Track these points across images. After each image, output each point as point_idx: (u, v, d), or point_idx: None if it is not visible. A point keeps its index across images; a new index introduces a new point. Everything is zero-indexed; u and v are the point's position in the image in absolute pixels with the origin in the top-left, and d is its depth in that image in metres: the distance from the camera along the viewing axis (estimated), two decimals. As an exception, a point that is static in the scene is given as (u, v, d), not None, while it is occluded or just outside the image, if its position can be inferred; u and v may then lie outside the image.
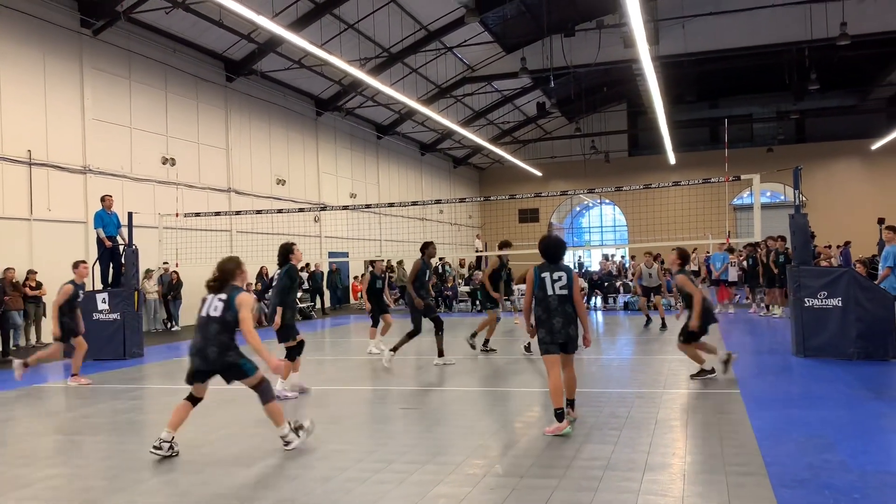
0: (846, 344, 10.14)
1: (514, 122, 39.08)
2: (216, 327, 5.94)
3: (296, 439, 6.09)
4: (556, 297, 6.61)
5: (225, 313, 5.95)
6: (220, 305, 5.99)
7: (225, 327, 5.94)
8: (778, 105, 39.10)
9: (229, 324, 5.95)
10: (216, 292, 6.07)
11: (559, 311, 6.60)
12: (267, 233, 22.11)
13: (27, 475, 5.66)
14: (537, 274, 6.72)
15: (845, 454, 5.49)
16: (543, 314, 6.62)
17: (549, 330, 6.59)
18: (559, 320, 6.56)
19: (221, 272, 6.17)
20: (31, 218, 16.16)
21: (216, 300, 6.04)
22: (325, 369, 11.54)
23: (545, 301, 6.62)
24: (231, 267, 6.19)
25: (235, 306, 5.93)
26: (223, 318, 5.95)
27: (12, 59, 15.89)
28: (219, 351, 5.90)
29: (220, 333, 5.92)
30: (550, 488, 4.91)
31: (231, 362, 5.94)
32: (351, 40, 23.47)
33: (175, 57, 20.32)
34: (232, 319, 5.93)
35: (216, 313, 5.97)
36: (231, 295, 6.01)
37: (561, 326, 6.56)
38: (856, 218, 36.13)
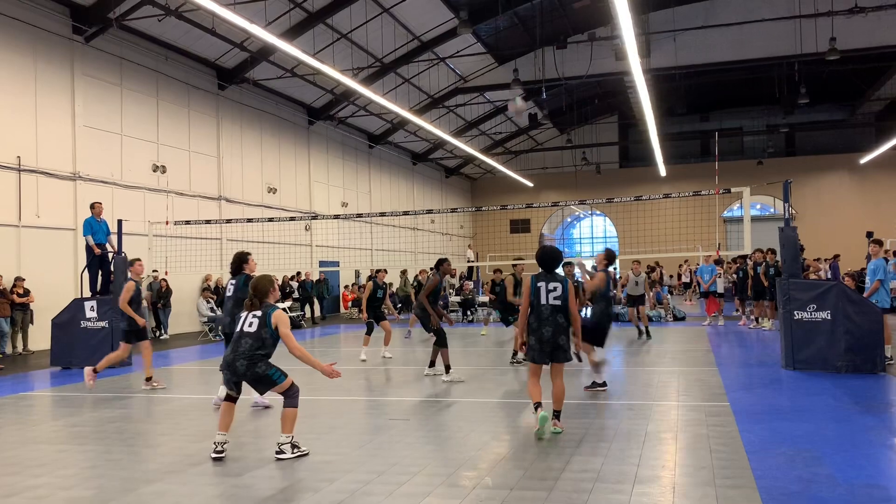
0: (835, 357, 10.19)
1: (506, 133, 39.22)
2: (249, 342, 6.15)
3: (289, 453, 6.13)
4: (548, 306, 6.81)
5: (260, 330, 6.18)
6: (256, 322, 6.22)
7: (258, 342, 6.15)
8: (768, 118, 39.44)
9: (263, 340, 6.17)
10: (251, 310, 6.29)
11: (550, 320, 6.79)
12: (258, 241, 22.08)
13: (13, 484, 5.60)
14: (533, 283, 6.92)
15: (834, 468, 5.51)
16: (535, 322, 6.83)
17: (539, 339, 6.80)
18: (548, 330, 6.77)
19: (256, 290, 6.36)
20: (20, 224, 16.07)
21: (251, 317, 6.27)
22: (314, 379, 11.48)
23: (538, 310, 6.83)
24: (265, 285, 6.39)
25: (272, 323, 6.17)
26: (258, 335, 6.17)
27: (3, 64, 15.84)
28: (247, 364, 6.11)
29: (252, 349, 6.13)
30: (540, 500, 4.90)
31: (260, 373, 6.14)
32: (344, 50, 23.54)
33: (167, 64, 20.31)
34: (268, 336, 6.17)
35: (251, 329, 6.20)
36: (267, 312, 6.23)
37: (550, 336, 6.76)
38: (844, 231, 36.42)
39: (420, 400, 9.08)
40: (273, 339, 6.22)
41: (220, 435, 6.28)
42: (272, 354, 6.27)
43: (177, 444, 6.84)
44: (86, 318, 13.02)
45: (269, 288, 6.43)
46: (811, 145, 40.79)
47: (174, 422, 8.02)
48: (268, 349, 6.22)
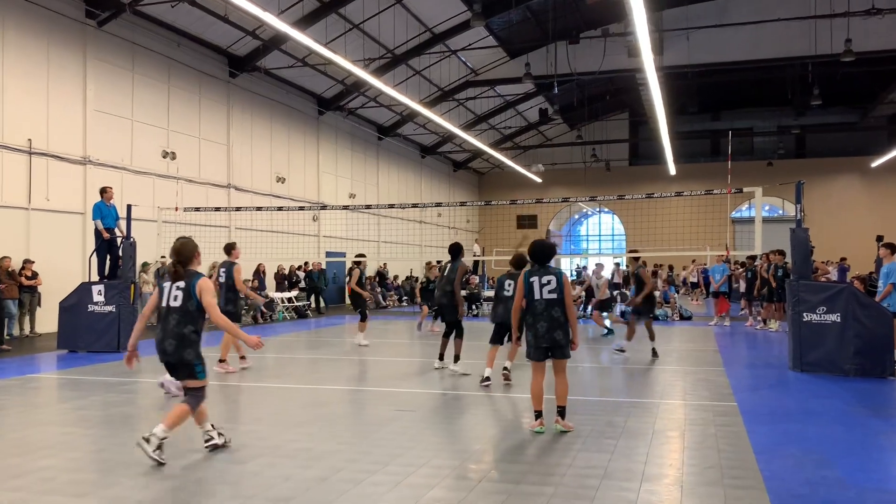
0: (843, 360, 10.13)
1: (516, 128, 39.11)
2: (176, 318, 5.61)
3: (153, 447, 5.49)
4: (542, 301, 6.65)
5: (186, 303, 5.62)
6: (180, 294, 5.64)
7: (185, 318, 5.61)
8: (779, 119, 39.23)
9: (190, 314, 5.61)
10: (174, 279, 5.68)
11: (545, 315, 6.63)
12: (266, 230, 22.09)
13: (20, 465, 5.61)
14: (526, 278, 6.76)
15: (843, 471, 5.47)
16: (529, 318, 6.70)
17: (534, 335, 6.66)
18: (543, 325, 6.61)
19: (180, 255, 5.75)
20: (29, 207, 16.10)
21: (175, 289, 5.66)
22: (320, 368, 11.50)
23: (532, 305, 6.69)
24: (189, 250, 5.79)
25: (196, 293, 5.60)
26: (184, 308, 5.62)
27: (17, 48, 15.84)
28: (176, 344, 5.59)
29: (179, 325, 5.60)
30: (546, 496, 4.87)
31: (187, 360, 5.63)
32: (355, 40, 23.48)
33: (179, 51, 20.29)
34: (194, 309, 5.61)
35: (176, 303, 5.63)
36: (191, 282, 5.64)
37: (545, 331, 6.59)
38: (853, 235, 36.24)
39: (426, 392, 9.07)
40: (200, 310, 5.64)
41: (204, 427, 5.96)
42: (202, 332, 5.75)
43: (183, 431, 6.83)
44: (93, 301, 13.05)
45: (194, 253, 5.83)
46: (822, 147, 40.55)
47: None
48: (197, 325, 5.66)
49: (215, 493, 4.94)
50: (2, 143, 15.50)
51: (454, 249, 10.88)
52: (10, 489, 5.04)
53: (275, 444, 6.27)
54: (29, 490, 5.02)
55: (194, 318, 5.63)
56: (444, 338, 10.91)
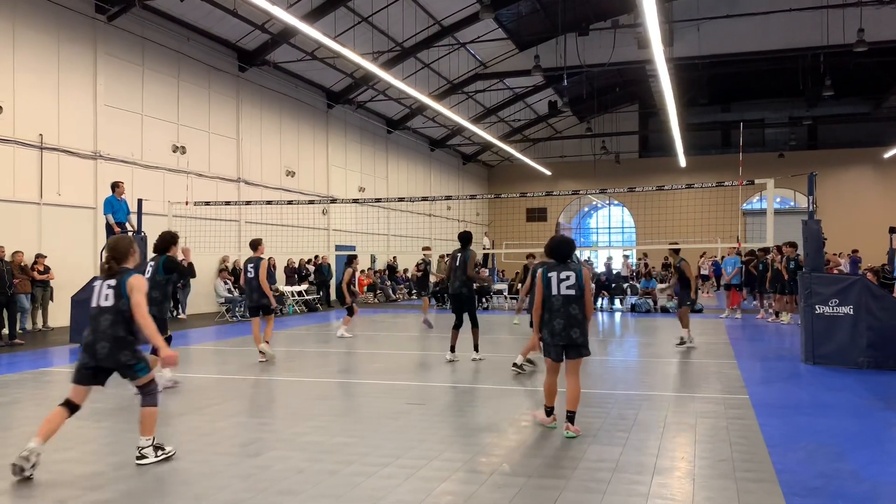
0: (856, 352, 10.07)
1: (525, 120, 39.01)
2: (109, 319, 5.29)
3: (152, 456, 5.43)
4: (560, 297, 6.40)
5: (118, 302, 5.30)
6: (111, 293, 5.32)
7: (118, 318, 5.29)
8: (791, 110, 38.94)
9: (123, 314, 5.28)
10: (107, 276, 5.39)
11: (561, 312, 6.38)
12: (276, 224, 22.12)
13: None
14: (545, 274, 6.52)
15: (857, 464, 5.44)
16: (546, 314, 6.48)
17: (550, 332, 6.44)
18: (560, 322, 6.36)
19: (115, 251, 5.45)
20: (41, 202, 16.19)
21: (106, 287, 5.35)
22: (330, 362, 11.53)
23: (549, 301, 6.46)
24: (124, 246, 5.50)
25: (127, 291, 5.28)
26: (117, 308, 5.29)
27: (27, 43, 15.90)
28: (110, 347, 5.26)
29: (113, 326, 5.28)
30: (558, 489, 4.87)
31: (123, 362, 5.32)
32: (364, 33, 23.45)
33: (188, 45, 20.32)
34: (126, 309, 5.28)
35: (107, 302, 5.32)
36: (122, 280, 5.33)
37: (561, 328, 6.36)
38: (865, 226, 35.98)
39: (437, 385, 9.08)
40: (131, 311, 5.32)
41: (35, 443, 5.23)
42: (138, 336, 5.41)
43: (194, 424, 6.87)
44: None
45: (130, 249, 5.51)
46: (834, 138, 40.24)
47: (191, 401, 8.06)
48: (131, 325, 5.32)
49: (227, 487, 4.96)
50: (14, 138, 15.58)
51: (465, 237, 10.87)
52: (23, 482, 5.08)
53: (286, 437, 6.29)
54: (44, 483, 5.05)
55: (127, 318, 5.31)
56: (454, 330, 10.91)
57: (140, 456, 5.42)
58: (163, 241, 8.50)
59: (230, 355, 11.91)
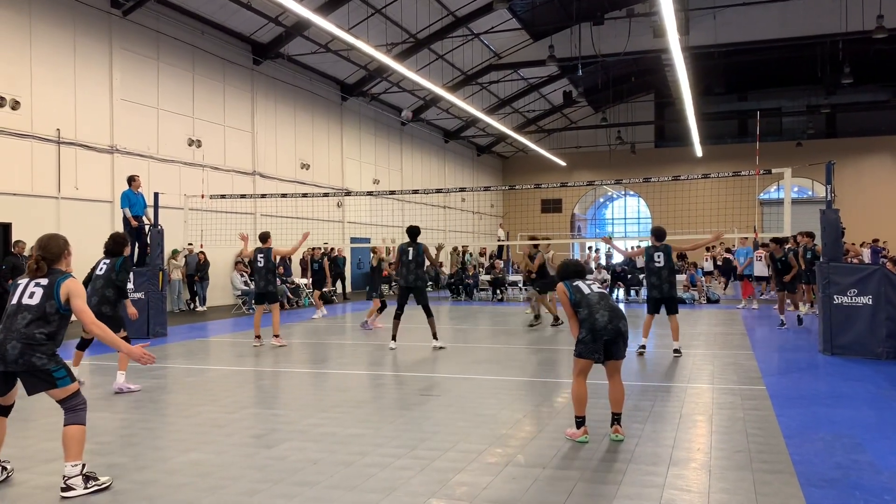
0: (875, 343, 9.97)
1: (540, 111, 38.84)
2: (27, 317, 4.73)
3: (80, 488, 4.66)
4: (595, 293, 6.08)
5: (45, 302, 4.77)
6: (39, 292, 4.80)
7: (40, 318, 4.75)
8: (808, 99, 38.47)
9: (47, 316, 4.77)
10: (35, 275, 4.89)
11: (602, 304, 5.97)
12: (291, 216, 22.21)
13: (52, 449, 5.71)
14: (568, 286, 6.14)
15: (875, 455, 5.39)
16: (585, 311, 5.95)
17: (592, 328, 5.86)
18: (604, 314, 5.88)
19: (46, 251, 4.95)
20: (59, 196, 16.33)
21: (33, 285, 4.85)
22: (345, 353, 11.57)
23: (584, 301, 6.00)
24: (58, 247, 5.02)
25: (60, 295, 4.80)
26: (41, 308, 4.76)
27: (44, 38, 16.02)
28: (22, 347, 4.67)
29: (31, 325, 4.72)
30: (573, 480, 4.86)
31: (38, 366, 4.69)
32: (378, 25, 23.40)
33: (203, 39, 20.39)
34: (53, 311, 4.78)
35: (31, 300, 4.79)
36: (56, 281, 4.84)
37: (607, 321, 5.84)
38: (885, 215, 35.59)
39: (452, 377, 9.09)
40: (61, 315, 4.81)
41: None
42: (60, 341, 4.88)
43: (211, 416, 6.92)
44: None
45: (63, 251, 5.04)
46: (853, 127, 39.74)
47: (207, 392, 8.12)
48: (52, 328, 4.78)
49: (242, 477, 5.00)
50: (31, 133, 15.71)
51: (413, 231, 11.46)
52: (43, 473, 5.14)
53: (301, 428, 6.32)
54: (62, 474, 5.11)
55: (50, 321, 4.79)
56: (396, 319, 11.52)
57: (66, 487, 4.64)
58: (116, 244, 8.48)
59: (246, 347, 11.98)
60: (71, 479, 4.65)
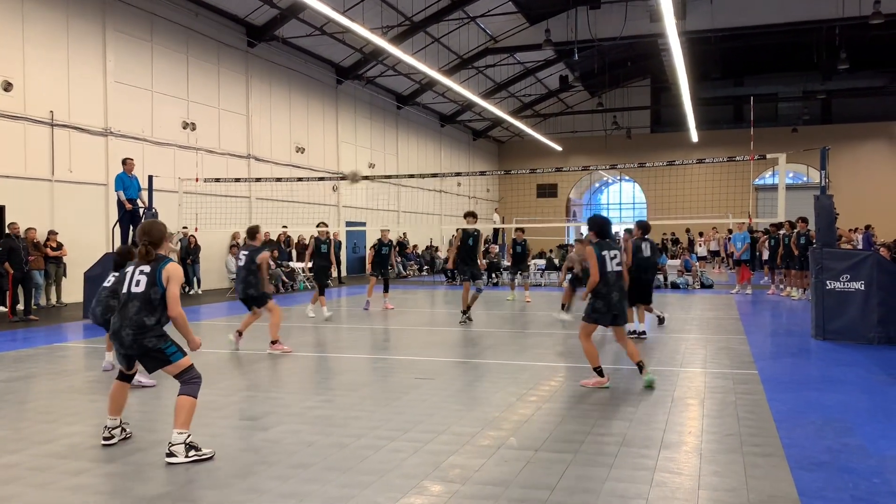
0: (867, 328, 10.03)
1: (536, 96, 38.73)
2: (136, 305, 5.02)
3: (181, 456, 4.91)
4: (613, 272, 7.28)
5: (149, 289, 5.03)
6: (144, 280, 5.05)
7: (146, 305, 5.02)
8: (804, 84, 38.44)
9: (152, 301, 5.02)
10: (141, 261, 5.11)
11: (617, 285, 7.28)
12: (286, 200, 22.17)
13: (49, 431, 5.74)
14: (598, 252, 7.30)
15: (865, 438, 5.44)
16: (603, 288, 7.22)
17: (608, 302, 7.20)
18: (616, 294, 7.24)
19: (150, 236, 5.13)
20: (53, 179, 16.27)
21: (139, 273, 5.08)
22: (340, 337, 11.60)
23: (605, 277, 7.23)
24: (159, 232, 5.22)
25: (163, 279, 5.03)
26: (146, 296, 5.02)
27: (36, 20, 15.89)
28: (134, 334, 5.01)
29: (140, 313, 5.01)
30: (565, 462, 4.90)
31: (150, 347, 5.04)
32: (373, 8, 23.28)
33: (197, 21, 20.25)
34: (157, 297, 5.03)
35: (138, 289, 5.04)
36: (158, 267, 5.07)
37: (618, 300, 7.22)
38: (880, 201, 35.69)
39: (446, 360, 9.13)
40: (164, 300, 5.05)
41: (111, 420, 5.36)
42: (165, 322, 5.13)
43: (206, 398, 6.92)
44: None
45: (164, 234, 5.25)
46: (849, 113, 39.75)
47: (203, 375, 8.10)
48: (158, 315, 5.06)
49: (237, 459, 5.03)
50: (24, 115, 15.63)
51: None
52: (37, 455, 5.17)
53: (297, 411, 6.35)
54: (58, 455, 5.14)
55: (156, 307, 5.06)
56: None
57: (169, 453, 4.93)
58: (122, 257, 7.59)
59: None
60: (175, 447, 4.92)
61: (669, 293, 19.35)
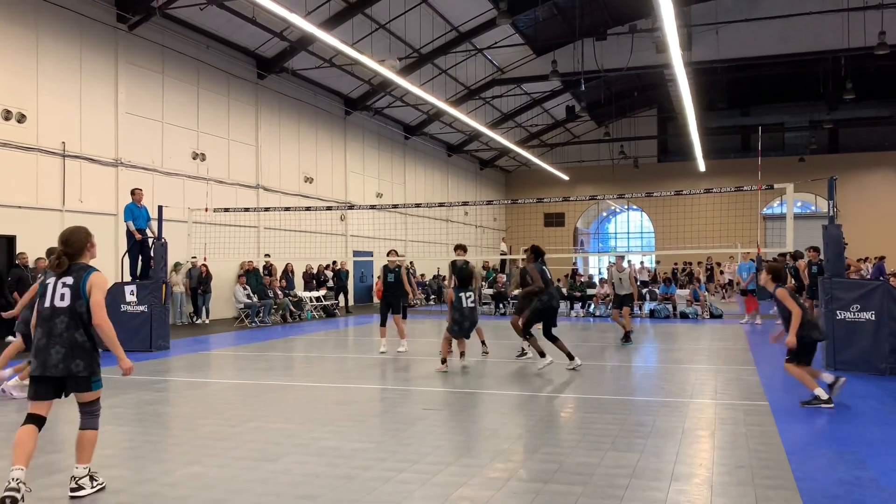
0: (878, 358, 9.95)
1: (543, 125, 38.97)
2: (65, 322, 4.67)
3: (88, 487, 4.82)
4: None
5: (74, 303, 4.69)
6: (68, 293, 4.70)
7: (75, 322, 4.69)
8: (811, 114, 38.61)
9: (81, 317, 4.70)
10: (60, 275, 4.77)
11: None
12: (294, 230, 22.27)
13: (56, 462, 5.72)
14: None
15: (877, 471, 5.38)
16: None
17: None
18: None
19: (68, 244, 4.84)
20: (64, 209, 16.40)
21: (61, 285, 4.73)
22: (346, 367, 11.57)
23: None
24: (80, 239, 4.90)
25: (86, 290, 4.71)
26: (73, 310, 4.69)
27: (50, 52, 16.15)
28: (65, 353, 4.65)
29: (70, 329, 4.67)
30: (575, 495, 4.86)
31: (76, 373, 4.68)
32: (382, 40, 23.57)
33: (208, 53, 20.53)
34: (85, 310, 4.70)
35: (63, 303, 4.69)
36: (82, 277, 4.75)
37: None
38: (889, 231, 35.55)
39: (453, 391, 9.09)
40: (89, 313, 4.72)
41: (17, 470, 4.52)
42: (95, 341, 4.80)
43: (214, 428, 6.92)
44: (126, 301, 13.25)
45: (86, 242, 4.93)
46: (855, 142, 39.82)
47: (211, 406, 8.12)
48: (91, 330, 4.75)
49: (245, 490, 5.00)
50: (37, 146, 15.81)
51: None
52: (46, 486, 5.14)
53: (304, 441, 6.32)
54: (65, 486, 5.11)
55: (85, 321, 4.74)
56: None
57: (76, 487, 4.77)
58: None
59: (249, 360, 11.99)
60: (81, 480, 4.80)
61: (678, 323, 19.26)
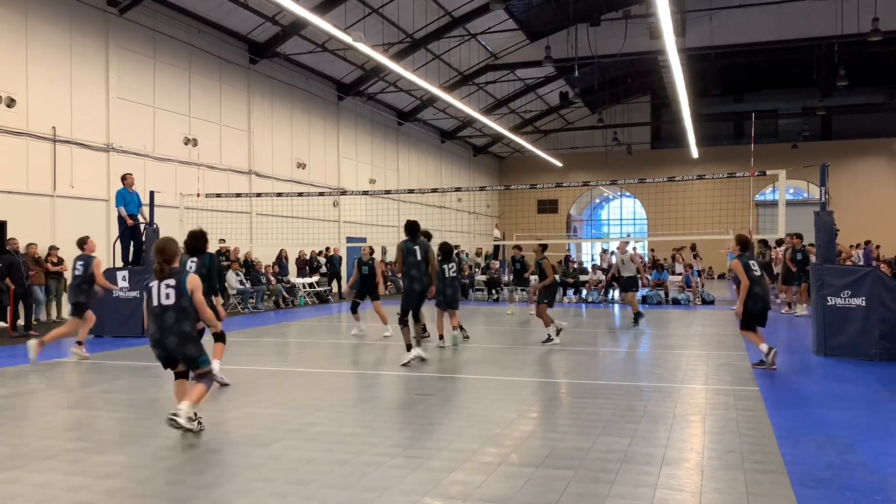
0: (868, 344, 10.01)
1: (536, 112, 38.89)
2: (173, 316, 5.82)
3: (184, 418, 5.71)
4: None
5: (179, 300, 5.83)
6: (172, 293, 5.82)
7: (182, 315, 5.85)
8: (804, 101, 38.61)
9: (186, 311, 5.87)
10: (161, 277, 5.86)
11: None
12: (286, 216, 22.21)
13: (49, 447, 5.72)
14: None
15: (866, 455, 5.42)
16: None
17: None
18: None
19: (164, 254, 5.90)
20: (54, 194, 16.32)
21: (164, 286, 5.84)
22: (341, 353, 11.59)
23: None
24: (173, 250, 5.97)
25: (188, 290, 5.85)
26: (179, 306, 5.84)
27: (40, 36, 16.00)
28: (178, 341, 5.84)
29: (178, 322, 5.83)
30: (566, 479, 4.89)
31: (189, 356, 5.91)
32: (375, 25, 23.41)
33: (199, 37, 20.38)
34: (188, 305, 5.86)
35: (169, 301, 5.82)
36: (181, 279, 5.88)
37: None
38: (880, 217, 35.70)
39: (445, 376, 9.11)
40: (193, 306, 5.93)
41: (183, 404, 5.87)
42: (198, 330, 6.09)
43: (206, 414, 6.91)
44: (118, 287, 13.20)
45: (177, 252, 6.04)
46: (848, 129, 39.91)
47: (204, 391, 8.10)
48: (194, 321, 5.98)
49: (238, 476, 5.01)
50: (27, 131, 15.70)
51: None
52: (39, 470, 5.15)
53: (297, 427, 6.34)
54: (59, 471, 5.12)
55: (190, 314, 5.90)
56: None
57: (174, 414, 5.64)
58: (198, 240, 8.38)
59: (242, 346, 11.99)
60: (181, 411, 5.66)
61: (671, 309, 19.33)
